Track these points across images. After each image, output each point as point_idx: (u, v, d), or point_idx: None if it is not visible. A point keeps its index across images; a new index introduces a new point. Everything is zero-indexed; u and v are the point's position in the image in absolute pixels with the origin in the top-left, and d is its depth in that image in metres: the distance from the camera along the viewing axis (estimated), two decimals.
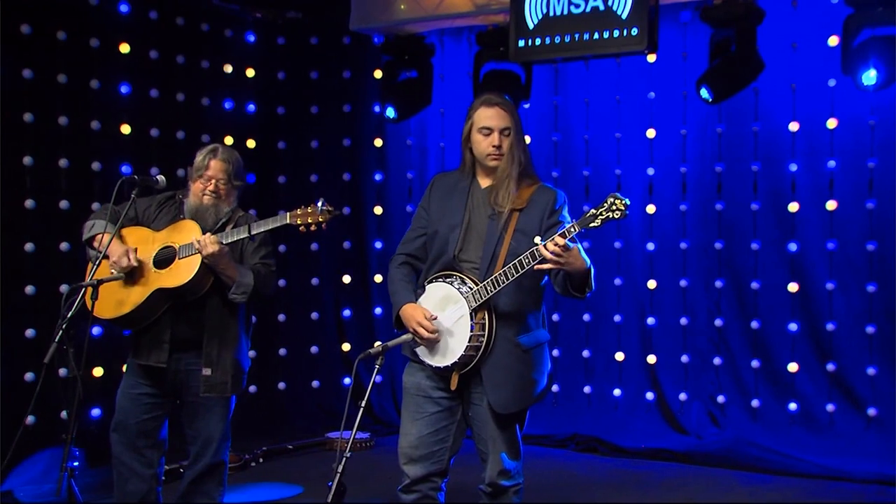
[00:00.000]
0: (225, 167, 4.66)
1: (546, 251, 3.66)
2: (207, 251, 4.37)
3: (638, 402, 7.62)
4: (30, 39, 6.51)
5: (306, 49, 8.33)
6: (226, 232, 4.50)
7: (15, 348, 6.40)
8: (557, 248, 3.65)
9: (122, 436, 4.66)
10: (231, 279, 4.50)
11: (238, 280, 4.51)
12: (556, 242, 3.65)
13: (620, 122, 7.57)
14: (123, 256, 4.51)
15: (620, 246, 7.57)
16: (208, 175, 4.64)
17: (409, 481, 4.10)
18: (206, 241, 4.39)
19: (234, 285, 4.51)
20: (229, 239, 4.45)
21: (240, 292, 4.52)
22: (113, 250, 4.52)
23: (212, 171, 4.64)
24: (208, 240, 4.39)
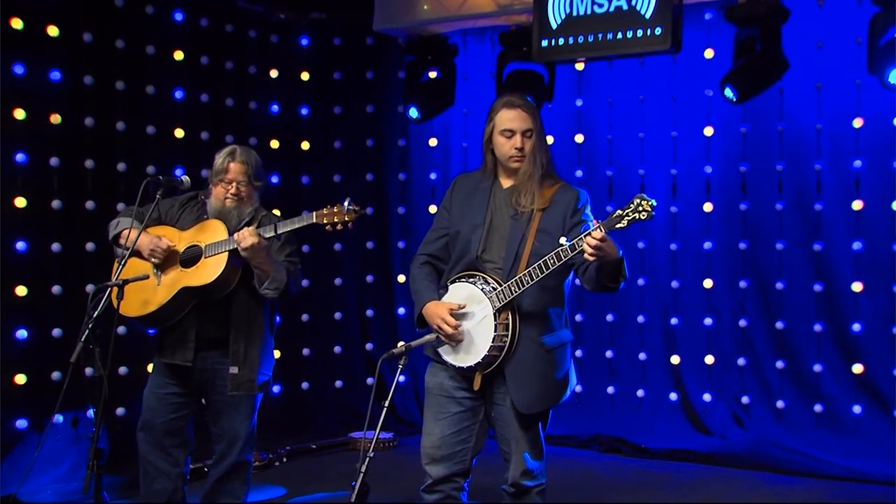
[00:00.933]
0: (244, 169, 4.67)
1: (587, 247, 3.62)
2: (246, 244, 4.38)
3: (661, 403, 7.59)
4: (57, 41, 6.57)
5: (330, 50, 8.35)
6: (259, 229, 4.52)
7: (42, 347, 6.45)
8: (598, 242, 3.60)
9: (148, 435, 4.70)
10: (266, 274, 4.51)
11: (273, 275, 4.52)
12: (594, 236, 3.61)
13: (644, 122, 7.55)
14: (158, 242, 4.54)
15: (644, 246, 7.55)
16: (228, 178, 4.65)
17: (431, 481, 4.11)
18: (244, 233, 4.40)
19: (268, 280, 4.51)
20: (265, 235, 4.47)
21: (272, 287, 4.53)
22: (142, 243, 4.55)
23: (232, 173, 4.65)
24: (247, 232, 4.40)
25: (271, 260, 4.53)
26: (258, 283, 4.54)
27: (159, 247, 4.56)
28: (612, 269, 3.79)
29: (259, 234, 4.41)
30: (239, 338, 4.63)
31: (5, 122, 6.31)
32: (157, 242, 4.57)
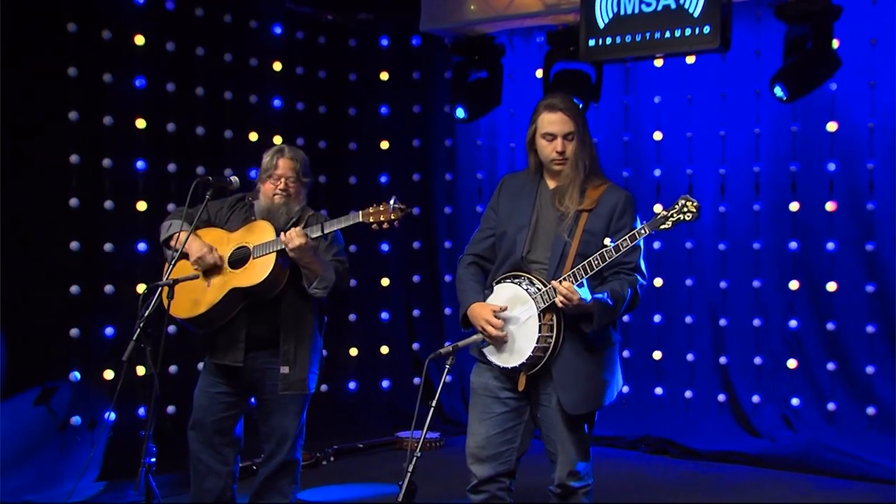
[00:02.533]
0: (293, 165, 4.71)
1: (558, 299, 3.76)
2: (294, 244, 4.41)
3: (709, 404, 7.52)
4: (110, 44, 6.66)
5: (377, 50, 8.39)
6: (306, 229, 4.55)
7: (95, 346, 6.55)
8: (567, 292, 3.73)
9: (199, 434, 4.75)
10: (315, 273, 4.53)
11: (321, 274, 4.54)
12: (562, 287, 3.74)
13: (692, 122, 7.49)
14: (207, 253, 4.59)
15: (692, 246, 7.49)
16: (277, 174, 4.69)
17: (477, 481, 4.12)
18: (291, 234, 4.43)
19: (317, 279, 4.54)
20: (312, 234, 4.50)
21: (321, 286, 4.55)
22: (192, 248, 4.60)
23: (280, 169, 4.69)
24: (294, 233, 4.43)
25: (319, 259, 4.56)
26: (307, 283, 4.57)
27: (204, 259, 4.59)
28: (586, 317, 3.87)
29: (306, 235, 4.44)
30: (289, 338, 4.66)
31: (60, 124, 6.42)
32: (204, 253, 4.60)
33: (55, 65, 6.40)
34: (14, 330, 6.18)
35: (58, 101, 6.42)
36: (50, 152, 6.41)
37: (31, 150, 6.28)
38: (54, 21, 6.38)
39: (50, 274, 6.40)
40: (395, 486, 3.76)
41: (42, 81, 6.33)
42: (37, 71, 6.28)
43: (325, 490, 6.41)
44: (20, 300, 6.19)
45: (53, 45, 6.39)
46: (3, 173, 6.11)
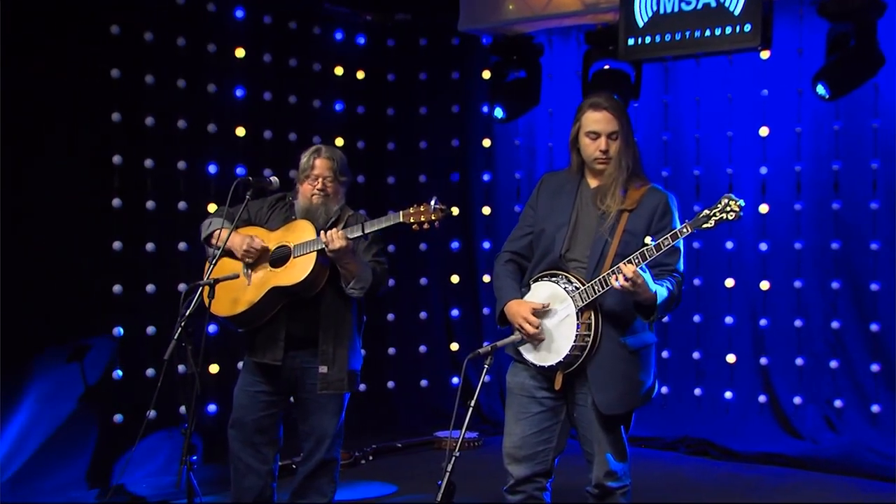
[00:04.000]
0: (330, 164, 4.73)
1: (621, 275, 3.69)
2: (335, 245, 4.43)
3: (750, 405, 7.46)
4: (151, 46, 6.74)
5: (415, 50, 8.40)
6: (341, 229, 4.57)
7: (136, 345, 6.62)
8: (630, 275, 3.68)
9: (239, 432, 4.78)
10: (352, 274, 4.55)
11: (359, 275, 4.56)
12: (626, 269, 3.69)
13: (732, 120, 7.43)
14: (252, 242, 4.63)
15: (732, 246, 7.43)
16: (315, 174, 4.72)
17: (513, 481, 4.12)
18: (332, 235, 4.45)
19: (354, 280, 4.56)
20: (352, 235, 4.52)
21: (358, 287, 4.57)
22: (234, 243, 4.64)
23: (318, 169, 4.72)
24: (335, 235, 4.45)
25: (357, 260, 4.58)
26: (344, 283, 4.58)
27: (253, 247, 4.64)
28: (645, 308, 3.84)
29: (347, 237, 4.46)
30: (328, 337, 4.68)
31: (104, 125, 6.49)
32: (250, 242, 4.65)
33: (98, 66, 6.47)
34: (58, 329, 6.26)
35: (101, 102, 6.49)
36: (93, 153, 6.48)
37: (74, 151, 6.36)
38: (98, 23, 6.45)
39: (93, 273, 6.47)
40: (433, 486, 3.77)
41: (85, 82, 6.40)
42: (79, 72, 6.36)
43: (363, 489, 6.43)
44: (63, 300, 6.27)
45: (96, 47, 6.46)
46: (46, 174, 6.19)
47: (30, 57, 6.08)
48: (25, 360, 6.09)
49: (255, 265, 4.68)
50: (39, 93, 6.14)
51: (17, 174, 6.06)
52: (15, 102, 6.00)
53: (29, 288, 6.09)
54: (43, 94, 6.16)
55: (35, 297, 6.12)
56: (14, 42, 5.98)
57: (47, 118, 6.20)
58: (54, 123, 6.24)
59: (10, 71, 5.98)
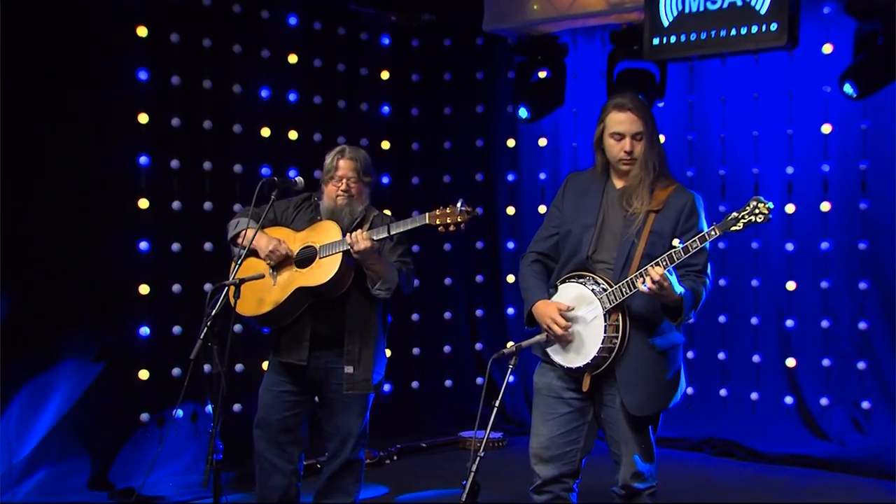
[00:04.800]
0: (353, 165, 4.74)
1: (648, 279, 3.69)
2: (360, 247, 4.44)
3: (776, 406, 7.42)
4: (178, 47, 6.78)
5: (440, 51, 8.41)
6: (366, 230, 4.57)
7: (163, 345, 6.66)
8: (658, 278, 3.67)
9: (264, 432, 4.80)
10: (378, 275, 4.56)
11: (384, 276, 4.57)
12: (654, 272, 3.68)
13: (758, 120, 7.39)
14: (278, 246, 4.64)
15: (758, 246, 7.39)
16: (339, 175, 4.73)
17: (540, 482, 4.12)
18: (357, 237, 4.46)
19: (380, 281, 4.57)
20: (377, 236, 4.53)
21: (384, 288, 4.58)
22: (260, 244, 4.65)
23: (341, 170, 4.73)
24: (360, 236, 4.45)
25: (382, 261, 4.59)
26: (370, 284, 4.59)
27: (277, 251, 4.66)
28: (672, 310, 3.84)
29: (372, 239, 4.46)
30: (353, 338, 4.69)
31: (129, 125, 6.54)
32: (275, 246, 4.66)
33: (126, 68, 6.52)
34: (84, 328, 6.31)
35: (128, 105, 6.54)
36: (120, 155, 6.53)
37: (101, 152, 6.40)
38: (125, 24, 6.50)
39: (119, 273, 6.52)
40: (458, 485, 3.77)
41: (116, 84, 6.45)
42: (110, 75, 6.41)
43: (388, 489, 6.44)
44: (90, 299, 6.32)
45: (124, 49, 6.50)
46: (73, 174, 6.24)
47: (55, 58, 6.13)
48: (52, 360, 6.14)
49: (281, 266, 4.70)
50: (67, 94, 6.19)
51: (44, 174, 6.12)
52: (42, 104, 6.06)
53: (56, 287, 6.15)
54: (72, 95, 6.21)
55: (62, 296, 6.18)
56: (39, 43, 6.03)
57: (75, 119, 6.25)
58: (82, 124, 6.29)
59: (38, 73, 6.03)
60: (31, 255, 6.04)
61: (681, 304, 3.80)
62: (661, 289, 3.70)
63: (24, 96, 5.96)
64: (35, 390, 6.07)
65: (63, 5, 6.14)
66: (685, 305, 3.81)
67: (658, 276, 3.68)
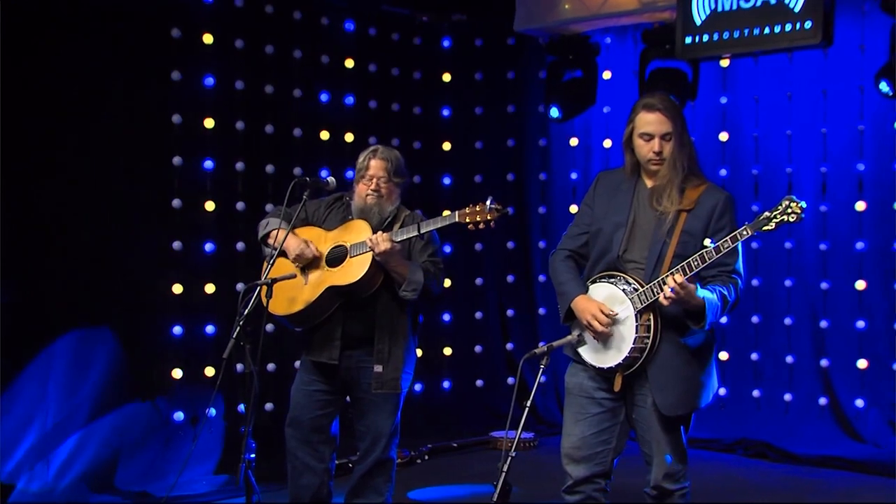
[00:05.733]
0: (385, 165, 4.74)
1: (666, 289, 3.69)
2: (380, 249, 4.45)
3: (810, 408, 7.36)
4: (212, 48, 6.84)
5: (471, 51, 8.42)
6: (394, 231, 4.58)
7: (196, 344, 6.71)
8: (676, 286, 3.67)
9: (296, 431, 4.82)
10: (402, 276, 4.57)
11: (409, 277, 4.58)
12: (675, 280, 3.68)
13: (791, 119, 7.34)
14: (305, 248, 4.67)
15: (791, 246, 7.34)
16: (369, 175, 4.74)
17: (572, 482, 4.10)
18: (378, 238, 4.47)
19: (405, 283, 4.57)
20: (400, 237, 4.54)
21: (410, 289, 4.59)
22: (289, 245, 4.67)
23: (372, 170, 4.74)
24: (380, 237, 4.47)
25: (406, 263, 4.60)
26: (397, 287, 4.61)
27: (304, 254, 4.67)
28: (694, 314, 3.82)
29: (392, 240, 4.48)
30: (383, 337, 4.70)
31: (164, 127, 6.59)
32: (302, 249, 4.68)
33: (158, 69, 6.58)
34: (119, 328, 6.37)
35: (160, 105, 6.60)
36: (152, 155, 6.59)
37: (135, 153, 6.46)
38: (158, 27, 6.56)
39: (153, 273, 6.58)
40: (489, 485, 3.77)
41: (145, 85, 6.51)
42: (140, 76, 6.47)
43: (419, 488, 6.45)
44: (126, 299, 6.38)
45: (156, 50, 6.56)
46: (109, 176, 6.30)
47: (91, 59, 6.20)
48: (89, 357, 6.21)
49: (312, 265, 4.72)
50: (101, 95, 6.25)
51: (79, 175, 6.18)
52: (76, 105, 6.13)
53: (90, 287, 6.21)
54: (106, 97, 6.27)
55: (96, 295, 6.24)
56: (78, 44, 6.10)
57: (110, 120, 6.31)
58: (116, 126, 6.34)
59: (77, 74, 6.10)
60: (65, 254, 6.10)
61: (703, 309, 3.78)
62: (679, 297, 3.70)
63: (60, 96, 6.04)
64: (71, 388, 6.13)
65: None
66: (707, 310, 3.79)
67: (674, 284, 3.67)
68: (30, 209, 5.98)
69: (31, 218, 5.98)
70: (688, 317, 3.86)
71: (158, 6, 6.51)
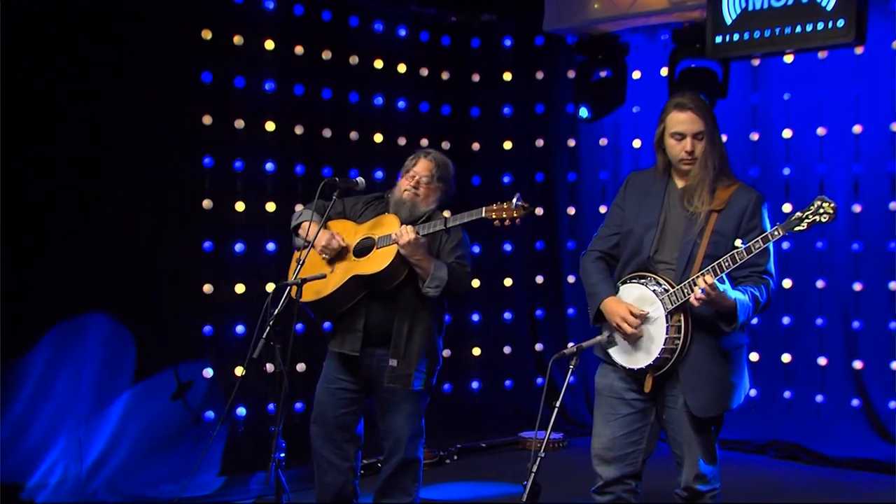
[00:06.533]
0: (430, 166, 4.79)
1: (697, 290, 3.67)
2: (404, 240, 4.47)
3: (842, 409, 7.30)
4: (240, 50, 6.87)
5: (500, 51, 8.41)
6: (420, 225, 4.60)
7: (226, 343, 6.75)
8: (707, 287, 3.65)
9: (321, 429, 4.84)
10: (425, 271, 4.58)
11: (433, 273, 4.58)
12: (706, 281, 3.66)
13: (823, 119, 7.28)
14: (332, 240, 4.69)
15: (823, 247, 7.28)
16: (413, 171, 4.79)
17: (602, 483, 4.10)
18: (403, 230, 4.49)
19: (429, 278, 4.58)
20: (426, 230, 4.55)
21: (433, 286, 4.59)
22: (319, 238, 4.70)
23: (418, 167, 4.79)
24: (405, 229, 4.49)
25: (430, 257, 4.61)
26: (420, 282, 4.62)
27: (330, 245, 4.70)
28: (726, 315, 3.80)
29: (417, 232, 4.49)
30: (401, 331, 4.70)
31: (194, 127, 6.64)
32: (328, 240, 4.70)
33: (189, 70, 6.62)
34: (150, 328, 6.42)
35: (192, 106, 6.64)
36: (184, 155, 6.63)
37: (167, 153, 6.51)
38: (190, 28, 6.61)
39: (184, 273, 6.62)
40: (518, 486, 3.77)
41: (179, 87, 6.56)
42: (171, 77, 6.52)
43: (448, 488, 6.46)
44: (155, 298, 6.43)
45: (189, 52, 6.61)
46: (140, 177, 6.35)
47: (122, 60, 6.25)
48: (121, 356, 6.26)
49: (340, 257, 4.74)
50: (133, 96, 6.30)
51: (110, 176, 6.23)
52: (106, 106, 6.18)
53: (123, 286, 6.26)
54: (137, 98, 6.32)
55: (127, 295, 6.29)
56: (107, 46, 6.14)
57: (141, 122, 6.35)
58: (147, 127, 6.39)
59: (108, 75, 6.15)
60: (95, 255, 6.15)
61: (734, 311, 3.76)
62: (709, 297, 3.68)
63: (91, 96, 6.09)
64: (103, 387, 6.18)
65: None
66: (739, 311, 3.77)
67: (704, 285, 3.66)
68: (61, 211, 6.03)
69: (61, 219, 6.03)
70: (719, 318, 3.84)
71: (189, 7, 6.55)
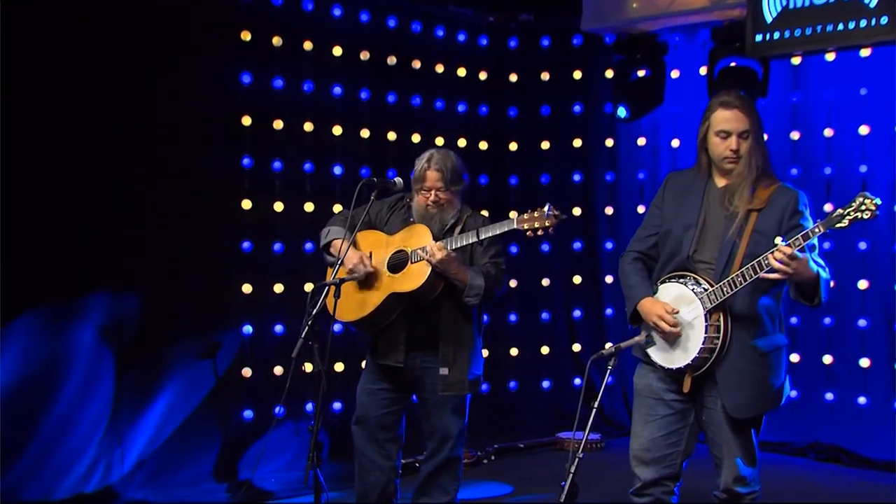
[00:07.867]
0: (440, 176, 4.74)
1: (773, 260, 3.58)
2: (436, 258, 4.48)
3: (885, 411, 7.20)
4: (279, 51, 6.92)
5: (538, 51, 8.39)
6: (453, 237, 4.60)
7: (265, 343, 6.79)
8: (784, 257, 3.56)
9: (363, 429, 4.86)
10: (462, 283, 4.59)
11: (470, 283, 4.59)
12: (782, 251, 3.57)
13: (865, 117, 7.19)
14: (359, 263, 4.70)
15: (866, 247, 7.20)
16: (427, 186, 4.76)
17: (640, 484, 4.08)
18: (433, 249, 4.49)
19: (467, 288, 4.59)
20: (456, 244, 4.55)
21: (472, 295, 4.61)
22: (349, 257, 4.70)
23: (428, 181, 4.75)
24: (436, 247, 4.49)
25: (465, 269, 4.61)
26: (459, 293, 4.62)
27: (358, 269, 4.69)
28: (808, 289, 3.74)
29: (446, 248, 4.49)
30: (448, 340, 4.72)
31: (234, 128, 6.69)
32: (355, 264, 4.69)
33: (229, 72, 6.68)
34: (191, 326, 6.48)
35: (232, 107, 6.69)
36: (223, 156, 6.68)
37: (207, 154, 6.56)
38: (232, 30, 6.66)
39: (223, 272, 6.67)
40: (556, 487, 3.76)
41: (216, 87, 6.61)
42: (212, 78, 6.57)
43: (486, 488, 6.46)
44: (196, 297, 6.49)
45: (228, 52, 6.66)
46: (180, 177, 6.41)
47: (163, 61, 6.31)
48: (160, 357, 6.32)
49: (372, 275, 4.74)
50: (172, 97, 6.36)
51: (149, 177, 6.30)
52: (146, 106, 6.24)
53: (165, 284, 6.33)
54: (177, 99, 6.38)
55: (168, 295, 6.35)
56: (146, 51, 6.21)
57: (181, 123, 6.41)
58: (187, 127, 6.45)
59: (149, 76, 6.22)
60: (138, 256, 6.21)
61: (817, 283, 3.72)
62: (792, 267, 3.60)
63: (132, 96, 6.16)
64: (144, 387, 6.25)
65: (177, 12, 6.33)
66: (822, 286, 3.73)
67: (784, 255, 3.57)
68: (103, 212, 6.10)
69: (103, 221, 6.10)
70: (800, 294, 3.81)
71: (229, 9, 6.60)
